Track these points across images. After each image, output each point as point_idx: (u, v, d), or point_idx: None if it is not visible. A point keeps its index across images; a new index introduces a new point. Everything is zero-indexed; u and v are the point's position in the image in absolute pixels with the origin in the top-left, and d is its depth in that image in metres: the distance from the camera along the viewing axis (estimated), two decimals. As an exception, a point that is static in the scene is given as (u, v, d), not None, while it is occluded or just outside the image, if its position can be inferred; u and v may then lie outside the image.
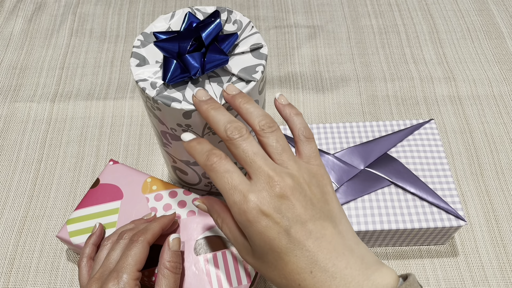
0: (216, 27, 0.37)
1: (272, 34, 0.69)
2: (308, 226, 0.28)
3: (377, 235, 0.45)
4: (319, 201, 0.30)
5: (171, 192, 0.45)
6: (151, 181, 0.46)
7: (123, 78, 0.64)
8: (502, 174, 0.54)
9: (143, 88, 0.36)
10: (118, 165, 0.47)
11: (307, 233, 0.28)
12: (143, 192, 0.45)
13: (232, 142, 0.31)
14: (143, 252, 0.35)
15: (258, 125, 0.32)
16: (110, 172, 0.47)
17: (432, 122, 0.50)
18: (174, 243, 0.37)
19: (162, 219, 0.40)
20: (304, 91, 0.62)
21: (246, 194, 0.29)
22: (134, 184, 0.46)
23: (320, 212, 0.29)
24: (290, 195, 0.29)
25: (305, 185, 0.30)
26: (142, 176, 0.46)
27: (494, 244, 0.49)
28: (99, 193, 0.46)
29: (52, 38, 0.69)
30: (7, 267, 0.48)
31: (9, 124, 0.59)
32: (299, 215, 0.28)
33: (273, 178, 0.29)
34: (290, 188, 0.29)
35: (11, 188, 0.53)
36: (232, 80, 0.37)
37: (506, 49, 0.66)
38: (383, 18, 0.71)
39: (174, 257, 0.36)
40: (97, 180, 0.47)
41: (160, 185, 0.45)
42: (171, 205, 0.44)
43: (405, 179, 0.46)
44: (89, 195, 0.46)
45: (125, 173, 0.47)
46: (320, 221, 0.29)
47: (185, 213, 0.43)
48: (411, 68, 0.64)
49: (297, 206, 0.28)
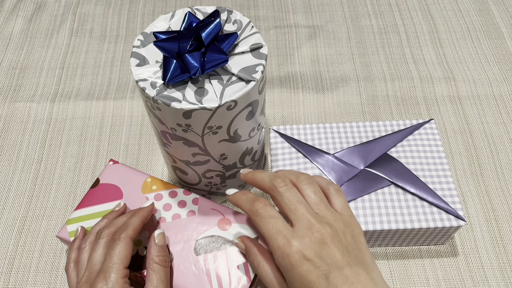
0: (216, 27, 0.37)
1: (272, 34, 0.69)
2: (345, 271, 0.31)
3: (377, 235, 0.45)
4: (354, 249, 0.32)
5: (171, 192, 0.45)
6: (151, 181, 0.46)
7: (123, 78, 0.64)
8: (502, 174, 0.54)
9: (143, 88, 0.36)
10: (118, 165, 0.47)
11: (344, 278, 0.30)
12: (143, 192, 0.45)
13: (278, 190, 0.34)
14: (127, 249, 0.35)
15: (296, 178, 0.35)
16: (110, 172, 0.47)
17: (432, 122, 0.50)
18: (159, 238, 0.38)
19: (141, 212, 0.40)
20: (304, 91, 0.62)
21: (290, 239, 0.31)
22: (134, 184, 0.46)
23: (355, 259, 0.32)
24: (330, 242, 0.31)
25: (341, 234, 0.33)
26: (142, 176, 0.46)
27: (494, 244, 0.49)
28: (99, 193, 0.45)
29: (52, 38, 0.69)
30: (7, 267, 0.48)
31: (9, 124, 0.59)
32: (338, 261, 0.31)
33: (314, 225, 0.32)
34: (330, 236, 0.32)
35: (11, 188, 0.53)
36: (232, 80, 0.37)
37: (506, 49, 0.66)
38: (383, 18, 0.71)
39: (161, 251, 0.37)
40: (97, 180, 0.46)
41: (160, 185, 0.45)
42: (171, 205, 0.44)
43: (405, 179, 0.46)
44: (89, 195, 0.45)
45: (125, 173, 0.46)
46: (355, 268, 0.31)
47: (185, 213, 0.43)
48: (411, 68, 0.64)
49: (336, 252, 0.31)
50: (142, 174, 0.47)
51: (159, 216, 0.43)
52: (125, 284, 0.34)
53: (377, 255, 0.48)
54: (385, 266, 0.47)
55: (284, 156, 0.48)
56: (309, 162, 0.48)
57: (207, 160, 0.43)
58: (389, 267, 0.47)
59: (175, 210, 0.43)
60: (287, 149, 0.49)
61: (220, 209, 0.43)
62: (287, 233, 0.32)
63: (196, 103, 0.35)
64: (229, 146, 0.42)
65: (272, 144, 0.49)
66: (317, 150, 0.48)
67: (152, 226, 0.42)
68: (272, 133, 0.50)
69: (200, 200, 0.44)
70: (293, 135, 0.50)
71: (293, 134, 0.50)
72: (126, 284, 0.34)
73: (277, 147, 0.49)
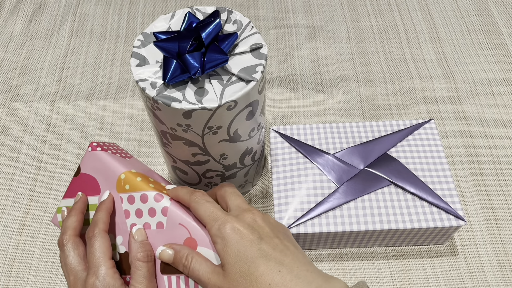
0: (216, 27, 0.37)
1: (272, 34, 0.69)
2: (275, 240, 0.34)
3: (377, 235, 0.45)
4: (280, 233, 0.35)
5: (142, 195, 0.37)
6: (125, 178, 0.38)
7: (123, 78, 0.64)
8: (502, 174, 0.54)
9: (143, 88, 0.36)
10: (96, 153, 0.40)
11: (274, 245, 0.33)
12: (118, 191, 0.39)
13: (197, 200, 0.36)
14: (105, 241, 0.36)
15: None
16: (89, 161, 0.40)
17: (431, 122, 0.50)
18: (138, 234, 0.37)
19: (103, 206, 0.38)
20: (304, 91, 0.62)
21: (226, 215, 0.35)
22: (111, 179, 0.39)
23: (284, 237, 0.35)
24: (260, 221, 0.35)
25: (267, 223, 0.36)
26: (117, 169, 0.39)
27: (494, 244, 0.49)
28: (81, 183, 0.41)
29: (52, 38, 0.69)
30: (7, 267, 0.48)
31: (9, 124, 0.59)
32: (268, 232, 0.34)
33: (246, 210, 0.36)
34: (260, 218, 0.36)
35: (11, 188, 0.53)
36: (232, 80, 0.37)
37: (506, 49, 0.66)
38: (383, 18, 0.71)
39: (142, 247, 0.36)
40: (78, 168, 0.41)
41: (133, 184, 0.38)
42: (142, 212, 0.37)
43: (405, 179, 0.46)
44: (73, 184, 0.41)
45: (102, 164, 0.40)
46: (284, 241, 0.34)
47: (155, 223, 0.37)
48: (410, 68, 0.64)
49: (266, 228, 0.34)
50: (120, 166, 0.39)
51: (131, 222, 0.38)
52: (115, 274, 0.35)
53: (377, 255, 0.48)
54: (385, 266, 0.47)
55: (284, 156, 0.48)
56: (309, 162, 0.48)
57: (207, 160, 0.43)
58: (389, 267, 0.47)
59: (146, 218, 0.37)
60: (287, 149, 0.49)
61: (188, 226, 0.36)
62: (223, 213, 0.34)
63: (196, 103, 0.35)
64: (229, 146, 0.42)
65: (272, 144, 0.49)
66: (317, 150, 0.48)
67: (123, 230, 0.38)
68: (272, 133, 0.50)
69: (169, 210, 0.36)
70: (293, 135, 0.50)
71: (293, 134, 0.50)
72: (116, 274, 0.35)
73: (277, 147, 0.49)
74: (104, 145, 0.41)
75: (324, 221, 0.44)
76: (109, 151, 0.41)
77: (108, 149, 0.41)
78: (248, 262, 0.32)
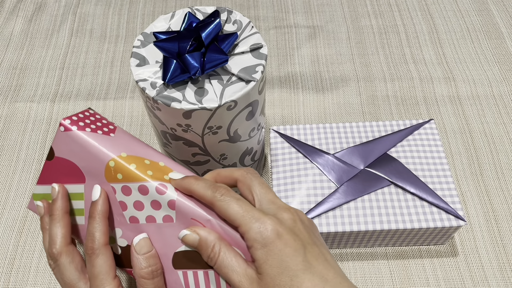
0: (216, 27, 0.37)
1: (272, 34, 0.69)
2: (315, 248, 0.30)
3: (377, 235, 0.45)
4: (311, 232, 0.32)
5: (140, 186, 0.32)
6: (115, 166, 0.33)
7: (123, 78, 0.64)
8: (502, 174, 0.54)
9: (143, 88, 0.36)
10: (72, 133, 0.33)
11: (316, 254, 0.30)
12: (107, 180, 0.33)
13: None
14: (107, 258, 0.32)
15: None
16: (63, 143, 0.34)
17: (432, 122, 0.50)
18: (140, 246, 0.32)
19: (97, 211, 0.33)
20: (304, 91, 0.62)
21: (263, 216, 0.30)
22: (96, 166, 0.33)
23: (317, 240, 0.31)
24: (298, 221, 0.31)
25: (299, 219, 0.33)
26: (104, 156, 0.33)
27: (494, 244, 0.49)
28: (57, 168, 0.35)
29: (52, 38, 0.69)
30: (7, 267, 0.48)
31: (9, 124, 0.59)
32: (307, 238, 0.30)
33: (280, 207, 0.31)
34: (295, 219, 0.31)
35: (11, 188, 0.53)
36: (232, 80, 0.37)
37: (506, 49, 0.66)
38: (383, 18, 0.71)
39: (146, 262, 0.31)
40: (51, 150, 0.35)
41: (127, 173, 0.32)
42: (143, 204, 0.33)
43: (405, 179, 0.46)
44: (47, 169, 0.35)
45: (82, 148, 0.33)
46: (320, 247, 0.31)
47: (161, 217, 0.32)
48: (411, 68, 0.64)
49: (304, 232, 0.30)
50: (104, 151, 0.33)
51: (130, 214, 0.33)
52: None
53: (377, 255, 0.48)
54: (385, 266, 0.47)
55: (284, 156, 0.48)
56: (309, 162, 0.48)
57: (207, 160, 0.43)
58: (389, 267, 0.47)
59: (148, 211, 0.33)
60: (287, 149, 0.49)
61: (201, 220, 0.32)
62: (261, 212, 0.30)
63: (196, 103, 0.35)
64: (229, 146, 0.42)
65: (272, 144, 0.49)
66: (317, 150, 0.48)
67: (121, 222, 0.34)
68: (272, 133, 0.50)
69: (177, 204, 0.32)
70: (293, 135, 0.50)
71: (293, 134, 0.50)
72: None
73: (277, 147, 0.49)
74: (79, 120, 0.34)
75: (324, 221, 0.44)
76: (88, 128, 0.34)
77: (85, 125, 0.34)
78: (291, 275, 0.28)
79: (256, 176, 0.33)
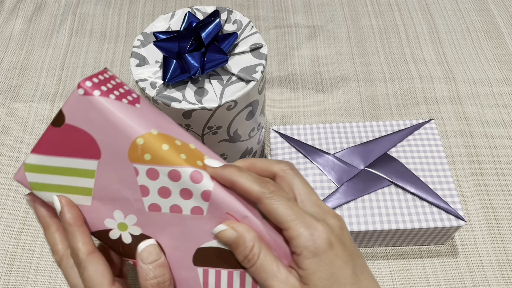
0: (216, 26, 0.37)
1: (272, 34, 0.69)
2: (360, 259, 0.28)
3: (377, 235, 0.45)
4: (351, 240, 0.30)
5: (171, 171, 0.28)
6: (144, 144, 0.28)
7: (123, 78, 0.64)
8: (502, 174, 0.54)
9: (143, 88, 0.36)
10: (93, 99, 0.27)
11: (362, 267, 0.28)
12: (130, 159, 0.28)
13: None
14: (98, 264, 0.29)
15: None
16: (80, 109, 0.28)
17: (432, 122, 0.50)
18: (146, 255, 0.29)
19: (70, 224, 0.30)
20: (304, 91, 0.62)
21: (314, 223, 0.28)
22: (119, 140, 0.28)
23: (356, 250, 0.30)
24: (344, 228, 0.30)
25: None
26: (133, 130, 0.28)
27: (494, 244, 0.49)
28: (64, 138, 0.29)
29: (52, 38, 0.69)
30: (7, 267, 0.48)
31: (9, 124, 0.59)
32: (353, 248, 0.28)
33: (327, 211, 0.30)
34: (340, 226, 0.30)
35: (11, 188, 0.53)
36: (232, 80, 0.37)
37: (506, 49, 0.66)
38: (383, 18, 0.71)
39: (152, 273, 0.28)
40: (60, 114, 0.29)
41: (157, 154, 0.28)
42: (170, 191, 0.28)
43: (405, 179, 0.46)
44: (51, 136, 0.29)
45: (104, 118, 0.28)
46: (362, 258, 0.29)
47: (189, 208, 0.28)
48: (411, 68, 0.64)
49: (349, 240, 0.29)
50: (132, 124, 0.28)
51: (150, 201, 0.29)
52: None
53: (377, 255, 0.48)
54: (385, 266, 0.47)
55: (284, 156, 0.48)
56: (309, 162, 0.48)
57: (207, 160, 0.43)
58: (389, 267, 0.47)
59: (175, 199, 0.28)
60: (287, 149, 0.49)
61: (238, 216, 0.28)
62: (312, 217, 0.27)
63: (196, 103, 0.35)
64: (229, 146, 0.42)
65: (272, 144, 0.49)
66: (317, 150, 0.48)
67: (138, 209, 0.29)
68: (272, 133, 0.50)
69: (212, 196, 0.28)
70: (293, 135, 0.50)
71: (293, 134, 0.50)
72: None
73: (277, 147, 0.49)
74: (100, 83, 0.28)
75: (324, 221, 0.44)
76: (111, 95, 0.28)
77: (108, 91, 0.28)
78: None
79: (297, 173, 0.30)
